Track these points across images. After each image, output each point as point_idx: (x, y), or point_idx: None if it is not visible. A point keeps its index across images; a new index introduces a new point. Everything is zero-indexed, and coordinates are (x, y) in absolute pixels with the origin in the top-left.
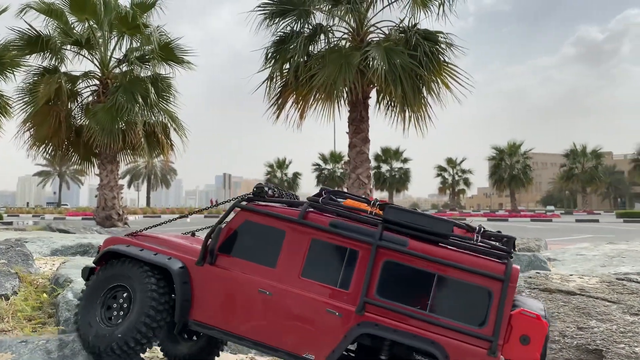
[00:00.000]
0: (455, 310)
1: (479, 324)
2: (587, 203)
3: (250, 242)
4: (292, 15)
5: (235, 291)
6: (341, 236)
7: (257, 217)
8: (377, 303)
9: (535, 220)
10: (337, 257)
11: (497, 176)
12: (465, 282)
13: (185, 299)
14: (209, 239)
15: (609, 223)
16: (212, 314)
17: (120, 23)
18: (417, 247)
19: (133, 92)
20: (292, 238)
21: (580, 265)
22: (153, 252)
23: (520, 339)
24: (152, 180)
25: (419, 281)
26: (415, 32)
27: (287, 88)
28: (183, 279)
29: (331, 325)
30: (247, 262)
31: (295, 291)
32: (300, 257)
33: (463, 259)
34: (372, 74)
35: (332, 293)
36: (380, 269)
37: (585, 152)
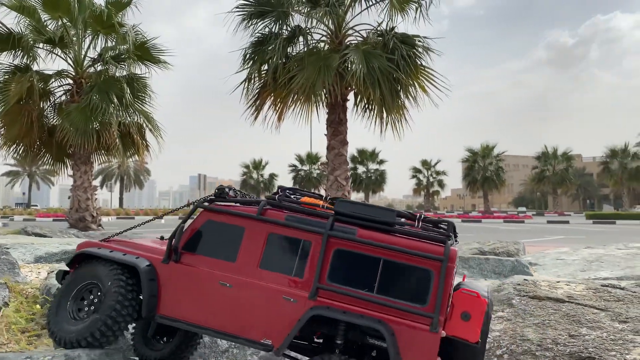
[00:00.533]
0: (400, 291)
1: (421, 302)
2: (558, 204)
3: (212, 239)
4: (271, 16)
5: (199, 285)
6: (296, 229)
7: (218, 217)
8: (329, 288)
9: (508, 221)
10: (292, 248)
11: (470, 178)
12: (408, 265)
13: (152, 295)
14: (173, 238)
15: (579, 224)
16: (177, 308)
17: (94, 22)
18: (365, 235)
19: (108, 92)
20: (251, 233)
21: (561, 269)
22: (122, 253)
23: (462, 315)
24: (125, 180)
25: (367, 266)
26: (392, 36)
27: (265, 89)
28: (149, 276)
29: (287, 312)
30: (209, 258)
31: (254, 281)
32: (258, 250)
33: (405, 244)
34: (351, 77)
35: (288, 281)
36: (331, 256)
37: (556, 155)
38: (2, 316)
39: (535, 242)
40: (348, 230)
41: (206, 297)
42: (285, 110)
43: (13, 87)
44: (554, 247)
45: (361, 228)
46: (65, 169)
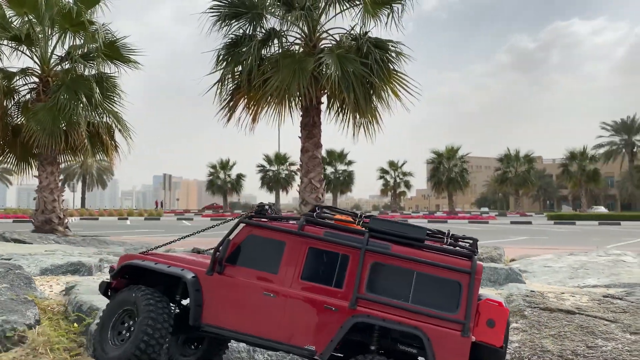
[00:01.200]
0: (432, 300)
1: (452, 310)
2: (519, 205)
3: (254, 252)
4: (245, 18)
5: (243, 295)
6: (335, 243)
7: (260, 231)
8: (367, 298)
9: (472, 222)
10: (331, 261)
11: (436, 179)
12: (439, 277)
13: (197, 304)
14: (217, 251)
15: (541, 225)
16: (222, 317)
17: (62, 19)
18: (399, 249)
19: (76, 91)
20: (292, 247)
21: (550, 277)
22: (167, 265)
23: (487, 322)
24: (88, 180)
25: (401, 278)
26: (366, 40)
27: (239, 91)
28: (195, 286)
29: (328, 320)
30: (252, 270)
31: (296, 292)
32: (299, 263)
33: (436, 258)
34: (326, 80)
35: (328, 292)
36: (368, 269)
37: (518, 157)
38: (40, 334)
39: (504, 242)
40: (383, 245)
41: (250, 307)
42: (259, 112)
43: None
44: (532, 250)
45: (394, 244)
46: (30, 169)
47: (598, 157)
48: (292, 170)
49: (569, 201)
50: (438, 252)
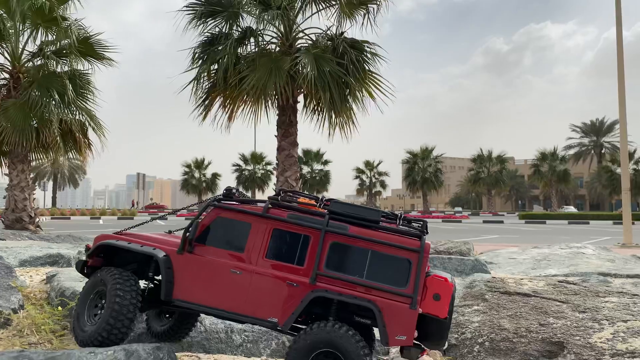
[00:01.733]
0: (385, 276)
1: (402, 285)
2: (492, 205)
3: (222, 233)
4: (221, 16)
5: (211, 273)
6: (297, 225)
7: (227, 213)
8: (326, 274)
9: (446, 221)
10: (293, 241)
11: (410, 179)
12: (392, 255)
13: (168, 281)
14: (188, 232)
15: (512, 224)
16: (191, 292)
17: (34, 14)
18: (355, 230)
19: (49, 87)
20: (257, 228)
21: (515, 267)
22: (139, 245)
23: (434, 296)
24: (59, 179)
25: (357, 256)
26: (342, 40)
27: (214, 89)
28: (167, 264)
29: (290, 294)
30: (220, 249)
31: (261, 269)
32: (264, 243)
33: (389, 238)
34: (302, 79)
35: (291, 269)
36: (327, 248)
37: (491, 157)
38: (25, 318)
39: (476, 240)
40: (341, 227)
41: (218, 283)
42: (235, 111)
43: None
44: (500, 246)
45: (352, 225)
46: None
47: (568, 158)
48: (269, 170)
49: (540, 201)
50: (391, 233)
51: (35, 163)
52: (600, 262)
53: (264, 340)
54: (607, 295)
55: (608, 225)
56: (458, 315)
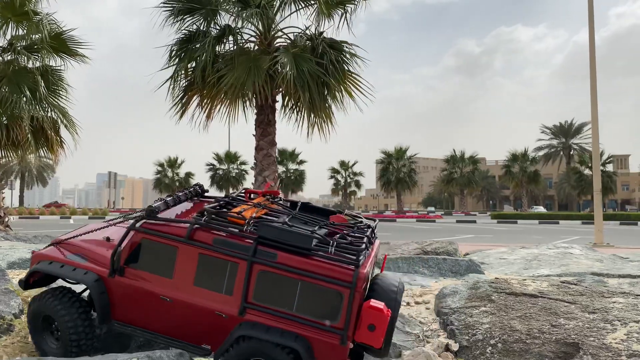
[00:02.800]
0: (315, 309)
1: (333, 319)
2: (464, 205)
3: (149, 256)
4: (199, 14)
5: (143, 298)
6: (222, 253)
7: (152, 237)
8: (254, 307)
9: (420, 220)
10: (221, 269)
11: (385, 179)
12: (322, 287)
13: (102, 306)
14: (113, 257)
15: (485, 224)
16: (128, 315)
17: (4, 8)
18: (284, 259)
19: (19, 83)
20: (183, 253)
21: (507, 268)
22: (72, 268)
23: (368, 327)
24: (27, 177)
25: (287, 287)
26: (321, 40)
27: (192, 87)
28: (99, 289)
29: (220, 325)
30: (149, 273)
31: (190, 298)
32: (192, 269)
33: (319, 269)
34: (282, 79)
35: (219, 299)
36: (255, 278)
37: (463, 158)
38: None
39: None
40: (269, 255)
41: (151, 309)
42: (213, 110)
43: None
44: (478, 246)
45: (282, 252)
46: None
47: (538, 159)
48: (243, 169)
49: (510, 201)
50: (323, 262)
51: (3, 161)
52: (590, 262)
53: None
54: (612, 296)
55: (577, 225)
56: (466, 317)
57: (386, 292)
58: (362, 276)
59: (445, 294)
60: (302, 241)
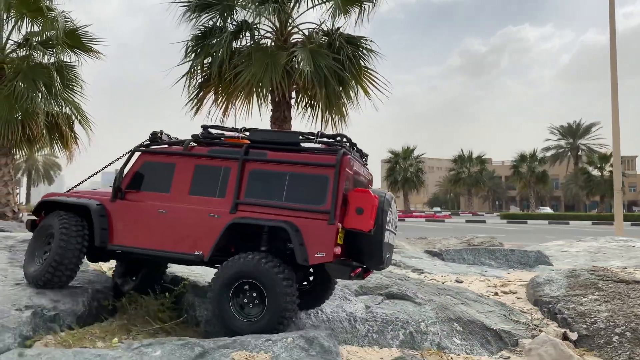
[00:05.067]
0: (304, 196)
1: (320, 202)
2: (471, 205)
3: (150, 177)
4: (216, 9)
5: (141, 216)
6: (217, 158)
7: (153, 157)
8: (245, 202)
9: (429, 220)
10: (215, 175)
11: (392, 178)
12: (309, 174)
13: (102, 228)
14: (115, 180)
15: (495, 224)
16: (124, 236)
17: (19, 3)
18: (273, 155)
19: (35, 79)
20: (181, 167)
21: (574, 260)
22: (76, 198)
23: (356, 210)
24: (33, 175)
25: (277, 180)
26: (339, 36)
27: (208, 84)
28: (100, 212)
29: (212, 226)
30: (148, 193)
31: (184, 206)
32: (187, 180)
33: (305, 157)
34: (299, 75)
35: (213, 202)
36: (248, 177)
37: (471, 158)
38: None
39: None
40: (260, 154)
41: (147, 225)
42: (230, 106)
43: None
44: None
45: (271, 151)
46: None
47: (546, 160)
48: None
49: (516, 201)
50: (309, 152)
51: (17, 157)
52: None
53: (390, 330)
54: None
55: (587, 225)
56: (576, 305)
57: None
58: (345, 158)
59: (539, 283)
60: (290, 137)
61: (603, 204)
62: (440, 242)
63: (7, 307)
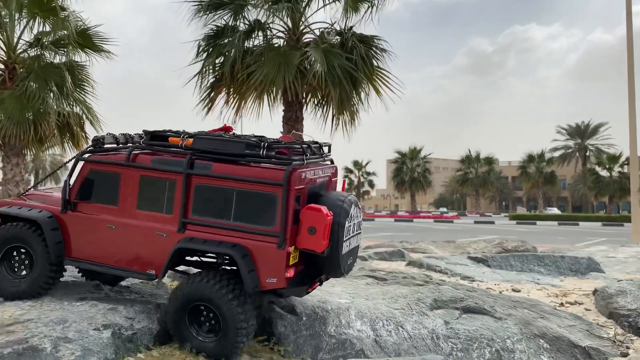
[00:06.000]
0: (252, 216)
1: (269, 224)
2: (478, 205)
3: (97, 187)
4: (228, 9)
5: (93, 229)
6: (159, 170)
7: (97, 166)
8: (193, 221)
9: (438, 221)
10: (161, 188)
11: (399, 179)
12: (256, 192)
13: (57, 242)
14: (64, 192)
15: (504, 225)
16: (80, 250)
17: (32, 3)
18: (219, 169)
19: (47, 79)
20: (126, 178)
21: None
22: (28, 208)
23: (309, 230)
24: (40, 174)
25: (224, 197)
26: (352, 35)
27: (219, 83)
28: (52, 225)
29: (162, 245)
30: (97, 204)
31: (133, 222)
32: (134, 193)
33: (252, 173)
34: (312, 75)
35: (160, 219)
36: (193, 192)
37: (479, 158)
38: None
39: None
40: (205, 166)
41: (99, 239)
42: (242, 106)
43: None
44: (545, 246)
45: (217, 162)
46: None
47: (554, 160)
48: None
49: (523, 202)
50: (255, 165)
51: (28, 157)
52: None
53: (475, 348)
54: None
55: (597, 227)
56: None
57: (331, 200)
58: (294, 174)
59: (610, 294)
60: (234, 147)
61: (611, 205)
62: (470, 246)
63: (84, 326)
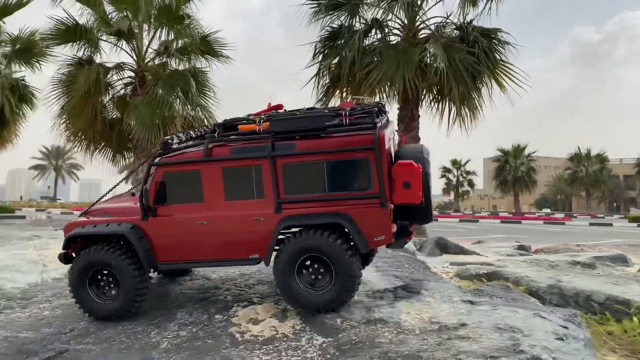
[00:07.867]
0: (347, 183)
1: (367, 187)
2: (589, 206)
3: (176, 188)
4: (344, 9)
5: (181, 230)
6: (242, 159)
7: (171, 168)
8: (288, 200)
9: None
10: (246, 175)
11: (501, 178)
12: (348, 160)
13: (145, 250)
14: (142, 199)
15: (623, 227)
16: (171, 252)
17: (159, 13)
18: (303, 145)
19: (173, 85)
20: (207, 173)
21: None
22: (103, 225)
23: (403, 185)
24: None
25: (314, 171)
26: (472, 29)
27: (336, 84)
28: (137, 235)
29: (261, 229)
30: (180, 205)
31: (225, 214)
32: (219, 186)
33: (339, 142)
34: (434, 71)
35: (253, 204)
36: (281, 173)
37: (589, 156)
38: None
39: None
40: (287, 146)
41: (191, 237)
42: None
43: (81, 80)
44: None
45: (298, 140)
46: (123, 162)
47: None
48: None
49: (636, 203)
50: (341, 135)
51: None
52: None
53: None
54: None
55: None
56: None
57: (412, 153)
58: (382, 136)
59: None
60: (314, 122)
61: None
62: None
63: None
